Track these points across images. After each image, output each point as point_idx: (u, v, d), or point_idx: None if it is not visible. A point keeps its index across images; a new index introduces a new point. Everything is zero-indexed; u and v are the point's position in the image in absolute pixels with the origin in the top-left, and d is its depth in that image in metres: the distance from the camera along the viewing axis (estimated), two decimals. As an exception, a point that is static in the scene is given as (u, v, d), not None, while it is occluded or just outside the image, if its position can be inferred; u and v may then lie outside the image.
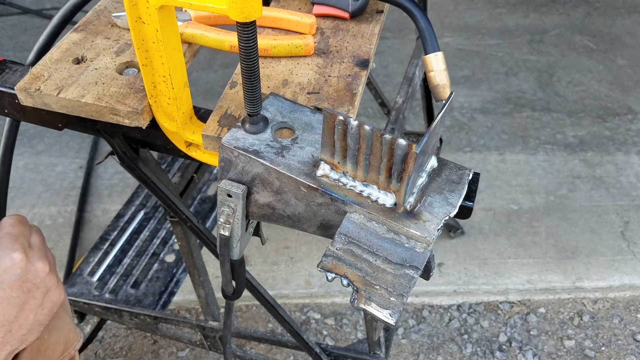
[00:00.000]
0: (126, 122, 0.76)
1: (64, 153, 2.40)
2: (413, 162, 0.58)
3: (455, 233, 2.13)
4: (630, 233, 2.17)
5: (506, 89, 2.80)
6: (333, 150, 0.63)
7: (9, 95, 0.81)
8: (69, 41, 0.84)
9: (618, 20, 3.29)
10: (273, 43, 0.82)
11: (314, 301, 1.97)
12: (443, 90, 0.83)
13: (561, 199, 2.29)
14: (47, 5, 3.27)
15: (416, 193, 0.65)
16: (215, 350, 1.61)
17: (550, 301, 2.02)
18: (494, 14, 3.31)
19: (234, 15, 0.58)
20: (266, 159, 0.66)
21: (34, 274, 0.78)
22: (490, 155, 2.46)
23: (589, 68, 2.94)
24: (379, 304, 0.60)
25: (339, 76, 0.81)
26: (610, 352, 1.88)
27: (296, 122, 0.71)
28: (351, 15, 0.90)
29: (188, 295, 1.90)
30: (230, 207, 0.71)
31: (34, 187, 2.26)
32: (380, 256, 0.63)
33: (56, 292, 0.82)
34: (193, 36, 0.82)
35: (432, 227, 0.62)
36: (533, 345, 1.89)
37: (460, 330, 1.93)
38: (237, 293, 0.91)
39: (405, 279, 0.61)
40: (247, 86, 0.65)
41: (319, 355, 1.40)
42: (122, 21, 0.87)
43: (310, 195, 0.65)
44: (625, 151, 2.50)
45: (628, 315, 1.98)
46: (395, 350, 1.87)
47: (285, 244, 2.09)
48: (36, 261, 0.79)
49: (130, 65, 0.82)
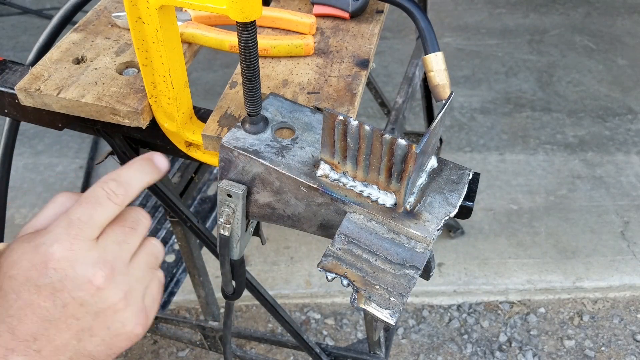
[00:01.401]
0: (126, 122, 0.76)
1: (64, 153, 2.40)
2: (413, 162, 0.58)
3: (455, 233, 2.13)
4: (630, 233, 2.17)
5: (506, 89, 2.80)
6: (333, 150, 0.63)
7: (9, 95, 0.81)
8: (69, 41, 0.84)
9: (618, 20, 3.29)
10: (273, 43, 0.82)
11: (314, 301, 1.97)
12: (443, 90, 0.83)
13: (561, 199, 2.29)
14: (47, 5, 3.27)
15: (416, 193, 0.65)
16: (215, 350, 1.61)
17: (550, 301, 2.02)
18: (494, 14, 3.31)
19: (234, 15, 0.58)
20: (266, 159, 0.66)
21: (76, 282, 0.54)
22: (490, 155, 2.46)
23: (589, 68, 2.94)
24: (379, 304, 0.60)
25: (339, 76, 0.81)
26: (610, 352, 1.88)
27: (296, 122, 0.71)
28: (351, 15, 0.90)
29: (188, 295, 1.90)
30: (230, 207, 0.71)
31: (34, 187, 2.25)
32: (380, 256, 0.63)
33: (121, 318, 0.56)
34: (193, 36, 0.82)
35: (432, 227, 0.62)
36: (533, 345, 1.89)
37: (460, 330, 1.93)
38: (237, 293, 0.91)
39: (405, 279, 0.61)
40: (247, 86, 0.65)
41: (319, 355, 1.40)
42: (122, 21, 0.87)
43: (310, 195, 0.65)
44: (625, 151, 2.50)
45: (628, 315, 1.98)
46: (395, 350, 1.87)
47: (285, 244, 2.09)
48: (86, 264, 0.54)
49: (130, 65, 0.81)
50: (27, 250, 0.54)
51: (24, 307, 0.53)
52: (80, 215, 0.55)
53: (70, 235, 0.54)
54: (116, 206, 0.57)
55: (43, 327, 0.53)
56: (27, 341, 0.53)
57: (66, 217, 0.55)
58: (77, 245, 0.54)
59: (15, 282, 0.53)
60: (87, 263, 0.54)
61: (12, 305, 0.53)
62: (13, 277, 0.53)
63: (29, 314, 0.53)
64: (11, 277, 0.54)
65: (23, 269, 0.53)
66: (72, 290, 0.53)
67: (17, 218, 2.14)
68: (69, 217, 0.55)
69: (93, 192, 0.57)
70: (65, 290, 0.53)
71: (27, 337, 0.53)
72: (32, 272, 0.53)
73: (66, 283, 0.53)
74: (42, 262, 0.53)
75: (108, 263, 0.55)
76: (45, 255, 0.53)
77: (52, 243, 0.54)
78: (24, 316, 0.53)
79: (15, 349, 0.52)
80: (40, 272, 0.53)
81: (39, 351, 0.53)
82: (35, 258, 0.53)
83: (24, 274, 0.53)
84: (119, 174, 0.58)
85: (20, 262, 0.54)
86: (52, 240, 0.54)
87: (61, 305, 0.53)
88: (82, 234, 0.55)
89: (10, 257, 0.55)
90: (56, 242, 0.54)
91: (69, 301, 0.54)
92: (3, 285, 0.54)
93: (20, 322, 0.53)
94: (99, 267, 0.54)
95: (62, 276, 0.53)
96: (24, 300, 0.53)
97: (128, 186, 0.58)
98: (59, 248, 0.53)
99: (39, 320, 0.53)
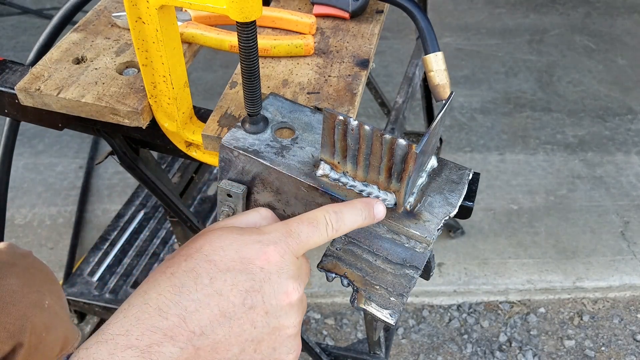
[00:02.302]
0: (126, 122, 0.76)
1: (64, 153, 2.40)
2: (413, 162, 0.58)
3: (455, 233, 2.13)
4: (630, 233, 2.17)
5: (506, 89, 2.80)
6: (333, 150, 0.63)
7: (9, 95, 0.81)
8: (69, 41, 0.84)
9: (618, 20, 3.29)
10: (273, 43, 0.82)
11: (314, 301, 1.97)
12: (443, 90, 0.83)
13: (561, 199, 2.29)
14: (47, 5, 3.27)
15: (416, 193, 0.65)
16: (215, 350, 1.61)
17: (550, 301, 2.02)
18: (494, 14, 3.31)
19: (234, 15, 0.58)
20: (266, 159, 0.66)
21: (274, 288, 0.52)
22: (490, 155, 2.46)
23: (589, 68, 2.94)
24: (379, 304, 0.60)
25: (339, 76, 0.81)
26: (610, 352, 1.88)
27: (296, 122, 0.71)
28: (351, 15, 0.90)
29: (188, 295, 1.90)
30: (230, 207, 0.71)
31: (34, 187, 2.25)
32: (380, 256, 0.63)
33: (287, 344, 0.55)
34: (193, 36, 0.82)
35: (432, 227, 0.62)
36: (533, 345, 1.89)
37: (460, 330, 1.93)
38: (237, 293, 0.91)
39: (405, 279, 0.61)
40: (247, 86, 0.65)
41: (319, 355, 1.40)
42: (122, 21, 0.87)
43: (310, 195, 0.65)
44: (625, 151, 2.50)
45: (628, 315, 1.98)
46: (395, 350, 1.87)
47: (285, 244, 2.09)
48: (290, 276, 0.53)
49: (130, 65, 0.82)
50: (239, 241, 0.53)
51: (211, 295, 0.50)
52: (301, 232, 0.55)
53: (287, 244, 0.54)
54: (327, 238, 0.57)
55: (218, 322, 0.50)
56: (192, 332, 0.49)
57: (287, 226, 0.55)
58: (288, 256, 0.54)
59: (215, 267, 0.51)
60: (291, 276, 0.53)
61: (199, 290, 0.50)
62: (214, 262, 0.51)
63: (212, 304, 0.50)
64: (211, 262, 0.51)
65: (228, 257, 0.52)
66: (267, 295, 0.52)
67: (17, 218, 2.14)
68: (289, 227, 0.55)
69: (315, 215, 0.57)
70: (260, 292, 0.52)
71: (195, 329, 0.49)
72: (237, 264, 0.51)
73: (265, 286, 0.52)
74: (252, 257, 0.52)
75: (302, 285, 0.55)
76: (258, 252, 0.52)
77: (269, 243, 0.53)
78: (205, 305, 0.50)
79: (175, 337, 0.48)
80: (245, 266, 0.51)
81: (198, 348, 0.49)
82: (246, 251, 0.52)
83: (227, 263, 0.51)
84: (342, 209, 0.59)
85: (227, 250, 0.52)
86: (270, 241, 0.53)
87: (249, 306, 0.51)
88: (296, 248, 0.54)
89: (216, 242, 0.53)
90: (273, 244, 0.53)
91: (258, 304, 0.51)
92: (198, 267, 0.51)
93: (197, 310, 0.49)
94: (298, 284, 0.54)
95: (265, 278, 0.52)
96: (215, 288, 0.50)
97: (343, 223, 0.58)
98: (274, 251, 0.53)
99: (218, 314, 0.50)
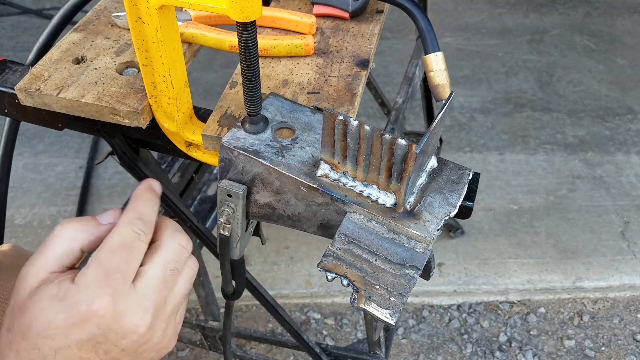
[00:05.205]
0: (126, 122, 0.76)
1: (64, 153, 2.40)
2: (413, 162, 0.58)
3: (455, 233, 2.13)
4: (630, 233, 2.17)
5: (506, 89, 2.80)
6: (333, 150, 0.63)
7: (9, 95, 0.81)
8: (69, 41, 0.84)
9: (618, 20, 3.29)
10: (273, 43, 0.82)
11: (314, 301, 1.97)
12: (443, 90, 0.83)
13: (561, 199, 2.29)
14: (47, 5, 3.27)
15: (416, 193, 0.65)
16: (215, 350, 1.61)
17: (550, 301, 2.02)
18: (494, 14, 3.31)
19: (234, 15, 0.58)
20: (266, 159, 0.66)
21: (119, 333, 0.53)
22: (490, 155, 2.46)
23: (589, 68, 2.94)
24: (379, 304, 0.60)
25: (339, 76, 0.81)
26: (610, 352, 1.88)
27: (296, 122, 0.71)
28: (351, 15, 0.90)
29: (188, 295, 1.90)
30: (230, 207, 0.71)
31: (34, 187, 2.25)
32: (380, 256, 0.63)
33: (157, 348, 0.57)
34: (193, 36, 0.82)
35: (432, 227, 0.62)
36: (533, 345, 1.89)
37: (460, 330, 1.93)
38: (237, 293, 0.91)
39: (405, 279, 0.61)
40: (247, 86, 0.65)
41: (319, 355, 1.40)
42: (122, 21, 0.87)
43: (310, 195, 0.65)
44: (625, 151, 2.50)
45: (628, 315, 1.98)
46: (395, 350, 1.87)
47: (285, 244, 2.09)
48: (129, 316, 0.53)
49: (130, 65, 0.81)
50: (62, 310, 0.52)
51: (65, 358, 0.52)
52: (117, 265, 0.53)
53: (110, 288, 0.52)
54: (145, 245, 0.57)
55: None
56: None
57: (100, 268, 0.53)
58: (118, 297, 0.52)
59: (54, 341, 0.52)
60: (130, 315, 0.52)
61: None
62: (50, 337, 0.52)
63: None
64: (47, 337, 0.52)
65: (61, 328, 0.52)
66: (116, 340, 0.52)
67: (17, 218, 2.14)
68: (104, 267, 0.53)
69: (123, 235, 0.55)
70: (108, 341, 0.52)
71: None
72: (72, 330, 0.51)
73: (110, 335, 0.52)
74: (83, 319, 0.51)
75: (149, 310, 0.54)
76: (86, 314, 0.51)
77: (92, 300, 0.52)
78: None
79: None
80: (82, 329, 0.51)
81: None
82: (73, 317, 0.51)
83: (63, 333, 0.52)
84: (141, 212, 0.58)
85: (55, 322, 0.52)
86: (91, 296, 0.52)
87: (103, 352, 0.52)
88: (122, 284, 0.53)
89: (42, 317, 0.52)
90: (97, 298, 0.52)
91: (112, 349, 0.53)
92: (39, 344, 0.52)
93: None
94: (141, 317, 0.53)
95: (106, 330, 0.52)
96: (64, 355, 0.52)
97: (149, 222, 0.58)
98: (101, 304, 0.51)
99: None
